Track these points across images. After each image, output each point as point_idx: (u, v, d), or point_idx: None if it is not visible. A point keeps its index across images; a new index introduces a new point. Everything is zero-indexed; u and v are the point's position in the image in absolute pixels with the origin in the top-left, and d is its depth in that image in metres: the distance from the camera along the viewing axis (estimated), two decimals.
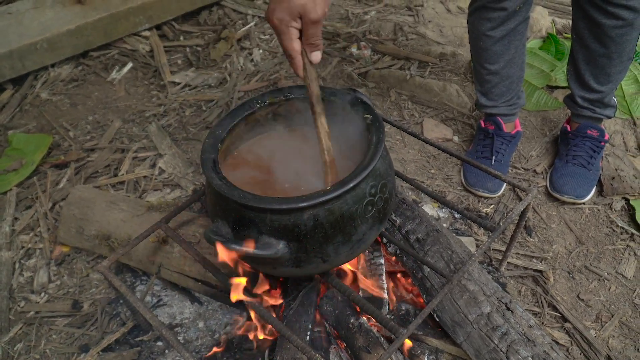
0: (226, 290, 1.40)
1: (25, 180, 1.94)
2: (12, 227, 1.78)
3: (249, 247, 0.96)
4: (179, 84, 2.37)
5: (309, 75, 1.02)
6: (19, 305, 1.57)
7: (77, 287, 1.61)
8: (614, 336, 1.42)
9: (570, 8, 1.66)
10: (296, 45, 0.98)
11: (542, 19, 2.52)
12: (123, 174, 1.93)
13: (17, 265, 1.68)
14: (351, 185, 0.97)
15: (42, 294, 1.60)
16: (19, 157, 2.01)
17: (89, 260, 1.67)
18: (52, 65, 2.46)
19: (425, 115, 2.12)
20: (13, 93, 2.36)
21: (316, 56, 1.00)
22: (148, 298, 1.52)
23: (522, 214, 1.26)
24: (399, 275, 1.43)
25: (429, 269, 1.26)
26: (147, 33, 2.65)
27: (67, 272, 1.65)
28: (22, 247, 1.72)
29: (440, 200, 1.34)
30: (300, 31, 0.97)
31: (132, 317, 1.48)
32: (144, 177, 1.92)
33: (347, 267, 1.29)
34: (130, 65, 2.50)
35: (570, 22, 1.69)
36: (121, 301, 1.54)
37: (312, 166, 1.14)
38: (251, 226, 1.00)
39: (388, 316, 1.32)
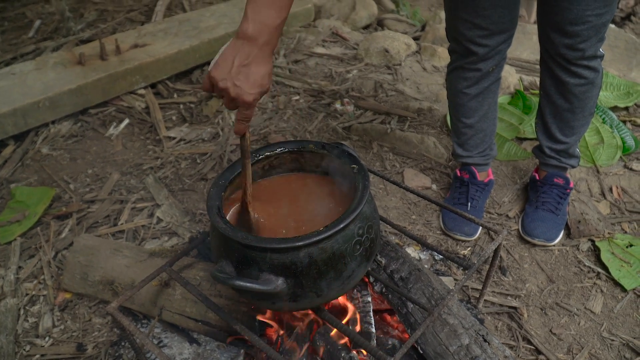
0: (226, 329, 1.50)
1: (28, 230, 2.03)
2: (16, 275, 1.86)
3: (252, 283, 1.08)
4: (174, 138, 2.51)
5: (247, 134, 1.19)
6: (24, 350, 1.64)
7: (80, 331, 1.68)
8: None
9: (536, 66, 1.85)
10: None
11: (510, 77, 2.73)
12: (122, 224, 2.04)
13: (21, 312, 1.75)
14: (341, 226, 1.10)
15: (47, 338, 1.67)
16: (22, 209, 2.11)
17: (91, 305, 1.75)
18: (53, 122, 2.59)
19: (406, 166, 2.28)
20: (15, 148, 2.48)
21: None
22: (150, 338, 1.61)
23: (495, 252, 1.40)
24: (384, 314, 1.55)
25: (412, 305, 1.38)
26: (142, 91, 2.81)
27: (70, 317, 1.73)
28: (27, 294, 1.80)
29: (421, 242, 1.47)
30: None
31: (134, 358, 1.56)
32: (143, 226, 2.03)
33: (337, 304, 1.41)
34: (127, 121, 2.64)
35: (536, 79, 1.88)
36: (123, 343, 1.62)
37: (302, 209, 1.30)
38: (253, 264, 1.12)
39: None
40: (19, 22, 3.66)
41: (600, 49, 1.66)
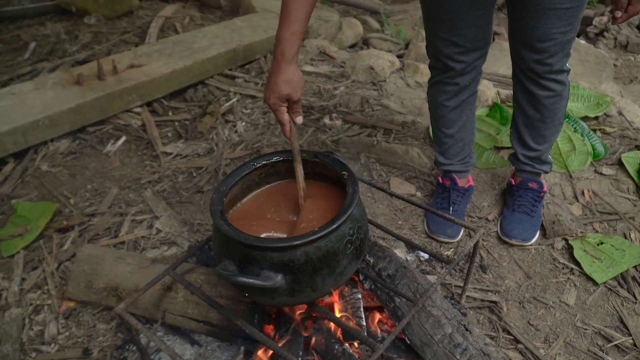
0: (226, 328, 1.60)
1: (31, 244, 2.11)
2: (20, 286, 1.94)
3: (254, 279, 1.19)
4: (170, 153, 2.62)
5: (294, 136, 1.41)
6: (30, 357, 1.71)
7: (85, 337, 1.76)
8: (560, 354, 1.66)
9: (512, 81, 2.00)
10: (286, 117, 1.39)
11: (487, 91, 2.88)
12: (123, 235, 2.13)
13: (26, 321, 1.82)
14: (334, 226, 1.22)
15: (53, 345, 1.74)
16: (24, 224, 2.19)
17: (95, 312, 1.83)
18: (52, 140, 2.68)
19: (392, 175, 2.41)
20: (15, 166, 2.56)
21: (299, 119, 1.42)
22: (152, 343, 1.69)
23: (474, 248, 1.52)
24: (374, 311, 1.66)
25: (399, 300, 1.50)
26: (139, 109, 2.92)
27: (74, 324, 1.81)
28: (31, 304, 1.87)
29: (407, 242, 1.59)
30: (288, 107, 1.37)
31: None
32: (143, 237, 2.13)
33: (330, 301, 1.52)
34: (124, 138, 2.75)
35: (512, 92, 2.02)
36: (127, 347, 1.71)
37: (293, 212, 1.42)
38: (254, 263, 1.22)
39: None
40: (14, 44, 3.76)
41: (567, 64, 1.81)
